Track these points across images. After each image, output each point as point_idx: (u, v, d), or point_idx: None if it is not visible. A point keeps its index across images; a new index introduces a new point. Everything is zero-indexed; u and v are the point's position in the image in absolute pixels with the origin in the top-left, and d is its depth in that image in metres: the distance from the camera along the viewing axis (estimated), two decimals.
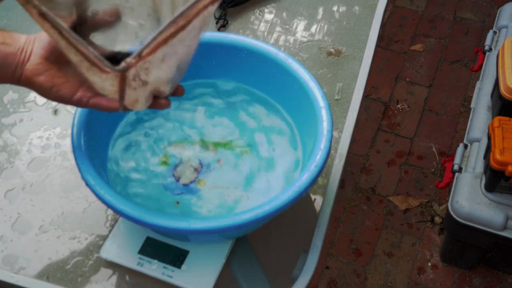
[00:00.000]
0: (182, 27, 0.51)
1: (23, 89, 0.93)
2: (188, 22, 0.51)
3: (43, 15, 0.51)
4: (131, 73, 0.53)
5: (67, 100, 0.62)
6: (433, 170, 1.75)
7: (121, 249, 0.74)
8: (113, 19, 0.62)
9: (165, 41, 0.51)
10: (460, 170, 1.30)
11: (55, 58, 0.60)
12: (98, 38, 0.62)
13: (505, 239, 1.25)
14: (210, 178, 0.76)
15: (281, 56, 0.77)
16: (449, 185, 1.33)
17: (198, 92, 0.83)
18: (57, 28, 0.51)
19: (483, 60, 1.51)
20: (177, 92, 0.65)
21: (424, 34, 2.08)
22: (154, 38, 0.51)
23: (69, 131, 0.71)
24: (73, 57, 0.54)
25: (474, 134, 1.35)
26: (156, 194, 0.75)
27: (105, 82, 0.55)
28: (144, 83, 0.55)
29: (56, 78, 0.60)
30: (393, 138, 1.82)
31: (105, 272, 0.75)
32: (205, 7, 0.51)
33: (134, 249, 0.74)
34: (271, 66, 0.77)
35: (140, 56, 0.51)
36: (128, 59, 0.51)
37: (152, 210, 0.64)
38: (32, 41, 0.61)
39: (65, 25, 0.51)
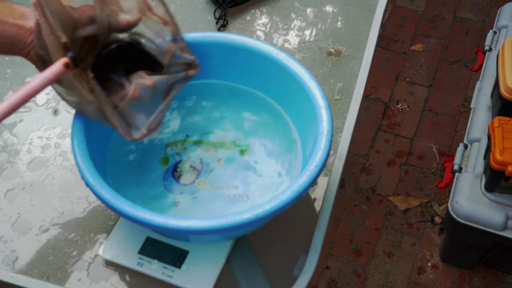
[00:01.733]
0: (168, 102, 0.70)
1: None
2: (172, 98, 0.70)
3: (91, 89, 0.62)
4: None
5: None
6: (433, 170, 1.75)
7: (121, 249, 0.74)
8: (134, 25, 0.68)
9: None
10: (460, 170, 1.30)
11: None
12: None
13: (505, 239, 1.25)
14: (210, 178, 0.76)
15: (281, 56, 0.76)
16: (449, 185, 1.33)
17: (198, 92, 0.83)
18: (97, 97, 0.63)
19: (483, 60, 1.51)
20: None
21: (424, 34, 2.08)
22: (156, 116, 0.69)
23: (69, 131, 0.71)
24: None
25: (474, 134, 1.35)
26: (156, 194, 0.75)
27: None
28: None
29: None
30: (393, 138, 1.82)
31: (105, 272, 0.75)
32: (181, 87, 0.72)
33: (134, 249, 0.74)
34: (271, 66, 0.77)
35: (150, 129, 0.68)
36: (143, 130, 0.67)
37: (152, 210, 0.64)
38: None
39: (108, 101, 0.63)
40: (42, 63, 0.64)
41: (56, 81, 0.62)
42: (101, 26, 0.64)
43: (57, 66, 0.60)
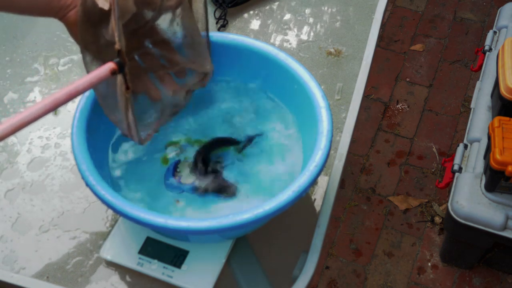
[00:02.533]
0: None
1: (23, 89, 0.93)
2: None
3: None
4: None
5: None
6: (433, 170, 1.75)
7: (121, 249, 0.74)
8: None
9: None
10: (460, 170, 1.30)
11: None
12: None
13: (505, 239, 1.25)
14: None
15: (281, 56, 0.76)
16: (449, 185, 1.33)
17: (198, 92, 0.83)
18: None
19: (483, 60, 1.51)
20: None
21: (424, 34, 2.09)
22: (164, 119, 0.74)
23: (69, 131, 0.71)
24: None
25: (474, 134, 1.35)
26: (156, 194, 0.75)
27: None
28: None
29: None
30: (393, 138, 1.82)
31: (105, 272, 0.75)
32: None
33: (134, 249, 0.74)
34: (271, 66, 0.77)
35: (155, 130, 0.73)
36: (150, 132, 0.72)
37: (152, 210, 0.64)
38: None
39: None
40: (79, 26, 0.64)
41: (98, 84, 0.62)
42: (155, 6, 0.65)
43: (104, 70, 0.59)
